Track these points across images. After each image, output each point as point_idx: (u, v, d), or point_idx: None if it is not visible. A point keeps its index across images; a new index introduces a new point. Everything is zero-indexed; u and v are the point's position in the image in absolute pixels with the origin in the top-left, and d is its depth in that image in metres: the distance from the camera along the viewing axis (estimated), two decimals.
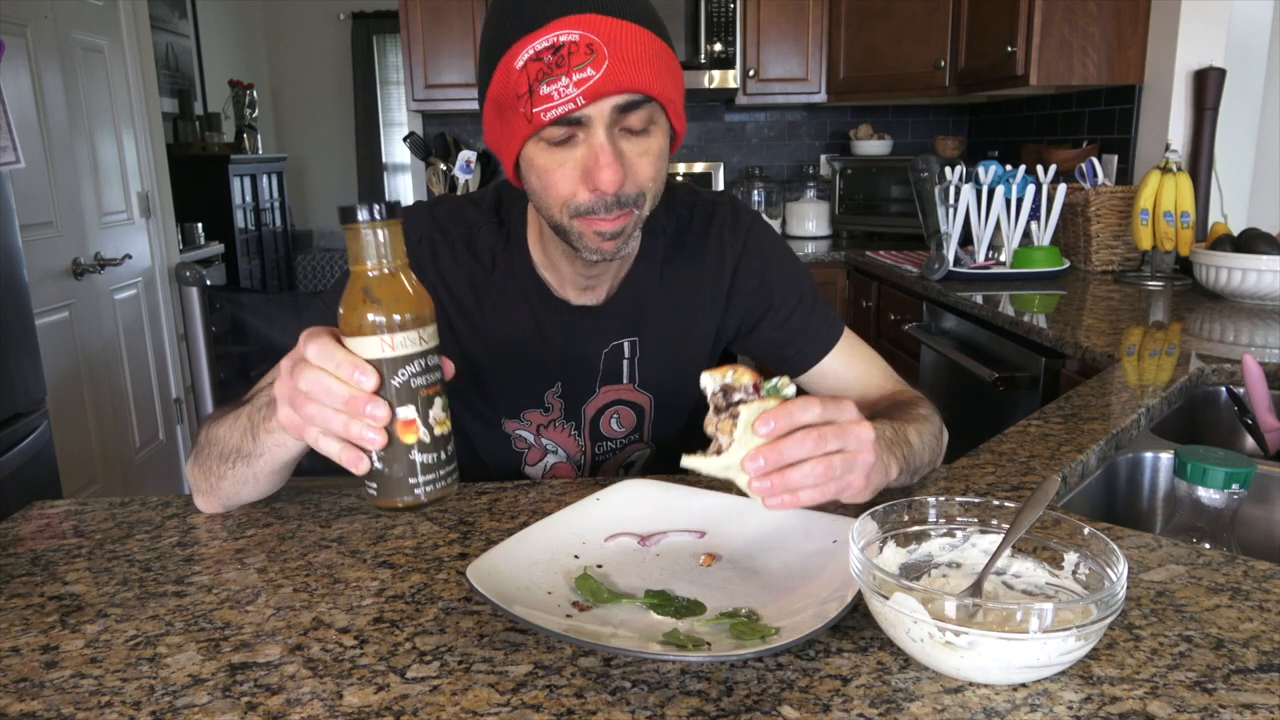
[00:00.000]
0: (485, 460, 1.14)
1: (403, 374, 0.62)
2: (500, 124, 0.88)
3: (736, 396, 0.73)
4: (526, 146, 0.88)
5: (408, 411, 0.62)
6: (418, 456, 0.63)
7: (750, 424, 0.71)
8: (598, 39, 0.81)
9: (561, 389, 1.08)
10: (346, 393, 0.64)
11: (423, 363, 0.63)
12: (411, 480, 0.63)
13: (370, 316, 0.63)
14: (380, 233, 0.64)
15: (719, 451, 0.74)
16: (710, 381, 0.74)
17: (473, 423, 1.13)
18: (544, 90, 0.82)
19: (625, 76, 0.82)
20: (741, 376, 0.74)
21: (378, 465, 0.63)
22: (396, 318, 0.63)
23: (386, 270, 0.64)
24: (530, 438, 1.11)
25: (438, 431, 0.64)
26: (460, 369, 1.09)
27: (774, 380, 0.75)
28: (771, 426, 0.70)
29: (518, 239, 1.04)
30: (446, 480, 0.64)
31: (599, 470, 1.14)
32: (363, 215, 0.63)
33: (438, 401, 0.64)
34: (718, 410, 0.74)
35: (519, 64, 0.83)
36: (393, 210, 0.64)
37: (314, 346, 0.66)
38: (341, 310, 0.66)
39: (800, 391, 1.05)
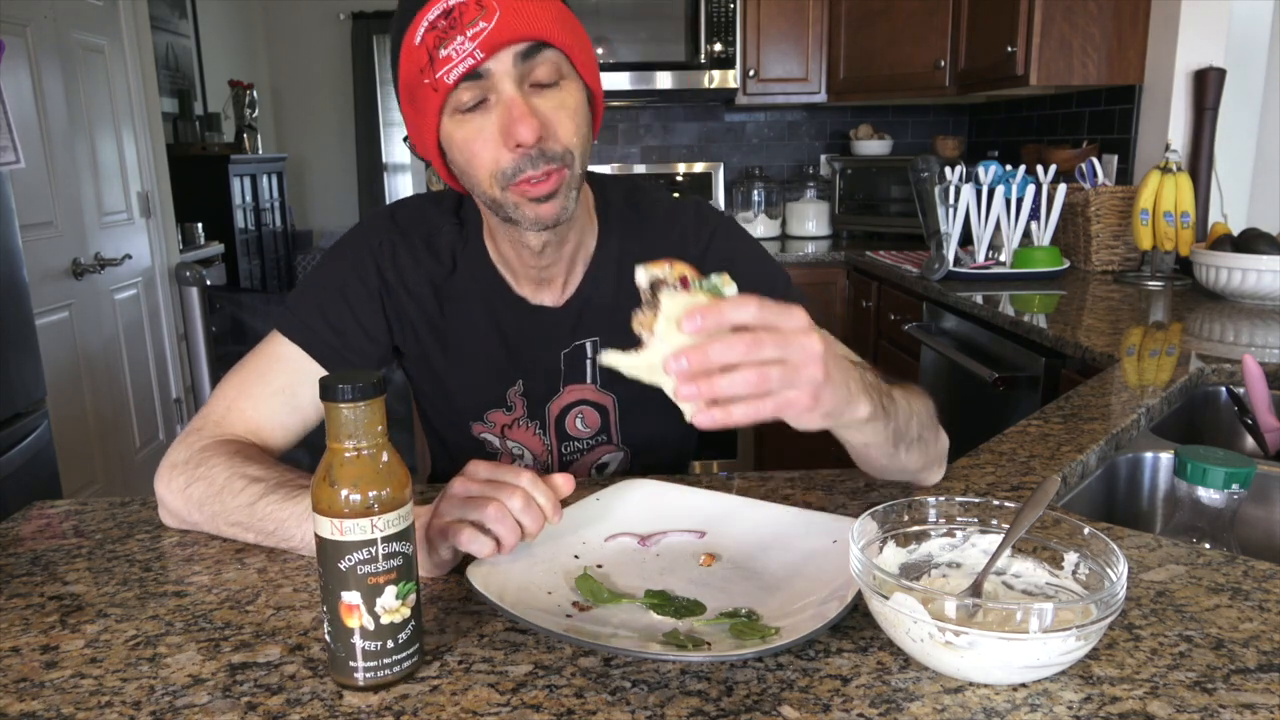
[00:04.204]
0: (460, 465, 1.13)
1: (349, 560, 0.60)
2: (414, 110, 0.88)
3: (662, 291, 0.65)
4: (443, 124, 0.88)
5: (352, 596, 0.60)
6: (359, 642, 0.61)
7: (675, 318, 0.63)
8: None
9: (523, 386, 1.07)
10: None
11: (371, 551, 0.60)
12: (352, 664, 0.61)
13: (324, 497, 0.61)
14: (348, 412, 0.60)
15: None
16: (642, 275, 0.66)
17: (443, 427, 1.12)
18: (442, 54, 0.82)
19: (519, 23, 0.82)
20: (675, 272, 0.66)
21: (327, 639, 0.62)
22: (355, 500, 0.60)
23: (351, 452, 0.61)
24: (496, 441, 1.10)
25: (385, 620, 0.61)
26: (423, 372, 1.08)
27: (713, 277, 0.66)
28: (698, 323, 0.61)
29: (474, 236, 1.04)
30: (393, 669, 0.62)
31: (569, 471, 1.13)
32: (335, 394, 0.60)
33: (390, 590, 0.61)
34: (645, 305, 0.66)
35: (417, 39, 0.83)
36: (376, 388, 0.61)
37: None
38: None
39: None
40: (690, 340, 0.62)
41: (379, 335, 1.03)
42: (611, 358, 0.67)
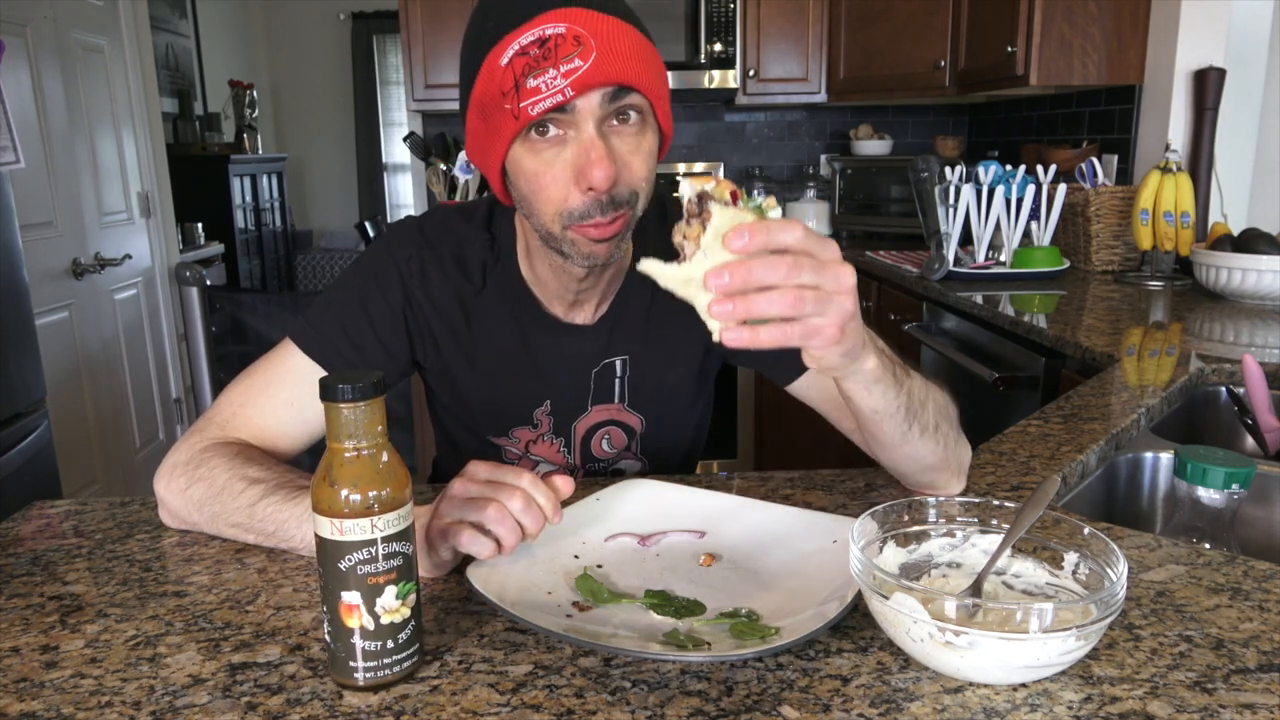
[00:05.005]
0: None
1: (349, 560, 0.60)
2: (485, 127, 0.86)
3: (712, 205, 0.64)
4: (513, 149, 0.86)
5: (352, 596, 0.61)
6: (359, 642, 0.61)
7: (722, 233, 0.62)
8: (584, 31, 0.80)
9: (550, 406, 1.06)
10: None
11: (371, 551, 0.60)
12: (352, 664, 0.61)
13: (324, 497, 0.61)
14: (348, 412, 0.61)
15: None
16: (688, 188, 0.66)
17: (460, 435, 1.12)
18: (531, 83, 0.80)
19: (614, 68, 0.81)
20: (723, 189, 0.65)
21: (327, 639, 0.62)
22: (355, 500, 0.60)
23: (351, 452, 0.61)
24: (518, 452, 1.09)
25: (385, 620, 0.61)
26: (446, 386, 1.07)
27: (758, 199, 0.66)
28: (746, 240, 0.61)
29: (507, 252, 1.02)
30: (393, 669, 0.62)
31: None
32: (335, 394, 0.60)
33: (390, 590, 0.61)
34: (690, 218, 0.65)
35: (504, 61, 0.81)
36: (376, 388, 0.61)
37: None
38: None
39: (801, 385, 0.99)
40: (733, 257, 0.62)
41: (399, 352, 1.02)
42: (650, 265, 0.66)
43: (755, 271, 0.61)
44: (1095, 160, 2.47)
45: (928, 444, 0.84)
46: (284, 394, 0.97)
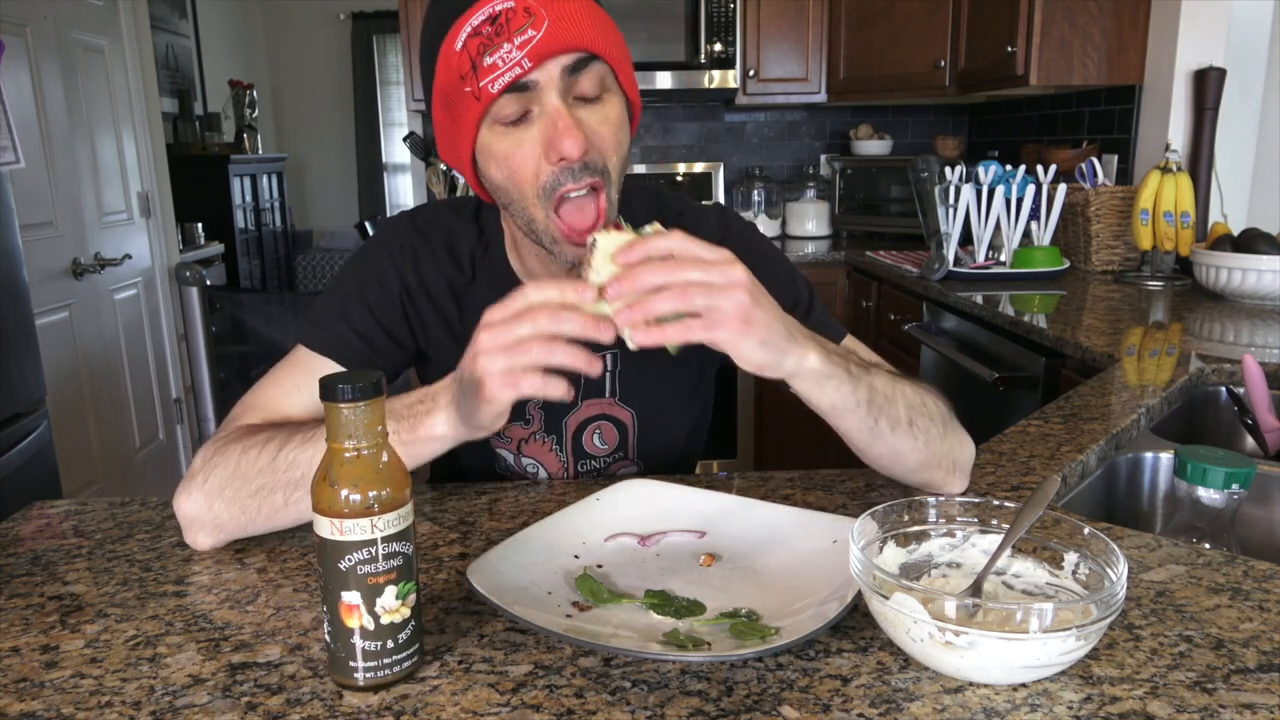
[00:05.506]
0: (468, 472, 1.12)
1: (349, 560, 0.60)
2: (450, 118, 0.86)
3: (597, 235, 0.72)
4: (481, 135, 0.85)
5: (352, 596, 0.61)
6: (359, 642, 0.61)
7: (608, 253, 0.70)
8: (534, 2, 0.80)
9: (542, 399, 1.06)
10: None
11: (371, 551, 0.60)
12: (352, 664, 0.61)
13: (324, 497, 0.61)
14: (348, 412, 0.61)
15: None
16: (589, 237, 0.73)
17: None
18: (487, 61, 0.80)
19: (568, 34, 0.81)
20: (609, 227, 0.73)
21: (327, 639, 0.62)
22: (355, 500, 0.60)
23: (351, 453, 0.61)
24: (510, 458, 1.08)
25: (385, 620, 0.61)
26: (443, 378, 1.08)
27: (645, 228, 0.73)
28: (630, 253, 0.68)
29: (494, 245, 1.03)
30: (393, 669, 0.62)
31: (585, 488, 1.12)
32: (334, 394, 0.60)
33: (390, 590, 0.61)
34: (589, 255, 0.72)
35: (459, 45, 0.81)
36: (376, 388, 0.61)
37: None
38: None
39: None
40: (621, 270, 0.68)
41: (404, 339, 1.02)
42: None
43: (640, 275, 0.67)
44: (1095, 160, 2.47)
45: (902, 440, 0.83)
46: (291, 381, 0.96)
